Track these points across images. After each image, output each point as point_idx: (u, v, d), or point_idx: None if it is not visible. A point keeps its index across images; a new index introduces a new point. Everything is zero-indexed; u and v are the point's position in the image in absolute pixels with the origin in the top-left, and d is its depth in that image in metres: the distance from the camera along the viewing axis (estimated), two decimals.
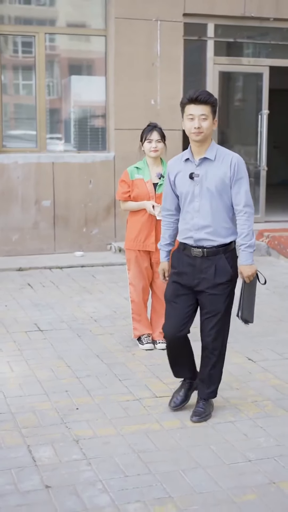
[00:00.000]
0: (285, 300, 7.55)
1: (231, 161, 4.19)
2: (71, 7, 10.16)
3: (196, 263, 4.26)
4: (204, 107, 4.12)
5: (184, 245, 4.33)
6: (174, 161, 4.39)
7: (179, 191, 4.31)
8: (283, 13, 10.45)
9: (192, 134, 4.16)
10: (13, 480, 3.65)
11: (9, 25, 9.70)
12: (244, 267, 4.25)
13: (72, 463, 3.84)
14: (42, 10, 10.05)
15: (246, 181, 4.22)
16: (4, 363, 5.45)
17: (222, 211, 4.21)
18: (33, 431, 4.23)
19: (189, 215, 4.27)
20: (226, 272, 4.24)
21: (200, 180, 4.20)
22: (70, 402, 4.68)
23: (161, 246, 4.57)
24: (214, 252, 4.22)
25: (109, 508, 3.39)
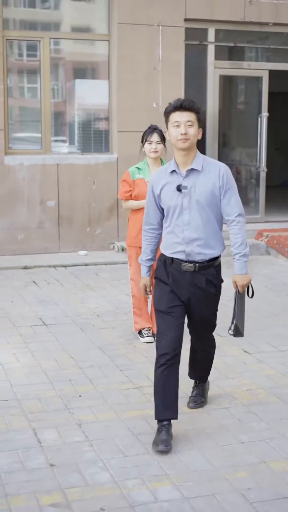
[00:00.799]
0: (281, 296, 7.79)
1: (219, 171, 4.13)
2: (75, 12, 10.43)
3: (186, 277, 4.16)
4: (189, 114, 4.05)
5: (171, 259, 4.19)
6: (158, 174, 4.25)
7: (166, 204, 4.17)
8: (282, 18, 10.69)
9: (179, 142, 4.06)
10: (19, 459, 3.90)
11: (15, 31, 9.96)
12: (239, 277, 4.20)
13: (74, 444, 4.09)
14: (47, 15, 10.31)
15: (236, 190, 4.18)
16: (11, 354, 5.70)
17: (212, 223, 4.14)
18: (39, 416, 4.49)
19: (178, 229, 4.15)
20: (216, 284, 4.24)
21: (189, 192, 4.10)
22: (73, 390, 4.93)
23: (143, 262, 4.44)
24: (205, 266, 4.16)
25: (109, 484, 3.64)
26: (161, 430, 4.05)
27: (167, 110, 4.14)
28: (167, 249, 4.21)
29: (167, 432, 4.03)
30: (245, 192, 11.41)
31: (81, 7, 10.43)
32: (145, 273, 4.43)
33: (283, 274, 9.04)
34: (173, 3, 10.09)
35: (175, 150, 4.14)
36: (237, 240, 4.15)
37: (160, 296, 4.20)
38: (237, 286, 4.22)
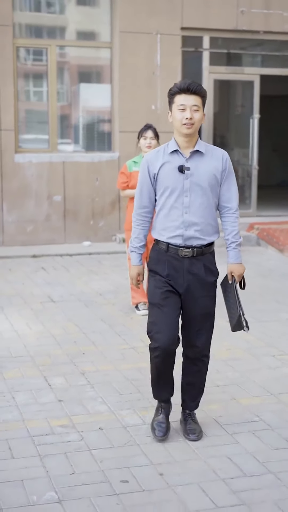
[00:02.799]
0: (267, 280, 8.61)
1: (222, 156, 4.00)
2: (80, 21, 11.27)
3: (184, 264, 3.96)
4: (196, 98, 3.88)
5: (167, 245, 3.98)
6: (155, 154, 4.03)
7: (164, 184, 3.96)
8: (272, 26, 11.49)
9: (183, 126, 3.88)
10: (33, 396, 4.73)
11: (24, 38, 10.80)
12: (236, 266, 4.08)
13: (79, 387, 4.92)
14: (54, 24, 11.14)
15: (235, 178, 4.09)
16: (24, 324, 6.53)
17: (210, 208, 3.98)
18: (48, 367, 5.31)
19: (177, 211, 3.95)
20: (214, 271, 4.05)
21: (191, 174, 3.92)
22: (78, 350, 5.76)
23: (135, 249, 4.13)
24: (203, 252, 3.98)
25: (106, 412, 4.47)
26: (160, 412, 4.18)
27: (172, 91, 3.94)
28: (162, 233, 4.00)
29: (165, 415, 4.16)
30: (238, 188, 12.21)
31: (86, 16, 11.27)
32: (138, 261, 4.15)
33: (270, 262, 9.85)
34: (170, 13, 10.91)
35: (177, 134, 3.96)
36: (234, 228, 4.06)
37: (155, 289, 4.01)
38: (234, 276, 4.09)
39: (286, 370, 5.33)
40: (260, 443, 4.06)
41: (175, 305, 3.98)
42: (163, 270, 3.99)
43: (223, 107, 12.67)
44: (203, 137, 11.59)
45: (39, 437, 4.10)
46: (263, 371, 5.30)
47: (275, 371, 5.30)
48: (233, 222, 4.07)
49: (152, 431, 4.11)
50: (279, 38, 11.71)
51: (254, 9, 11.35)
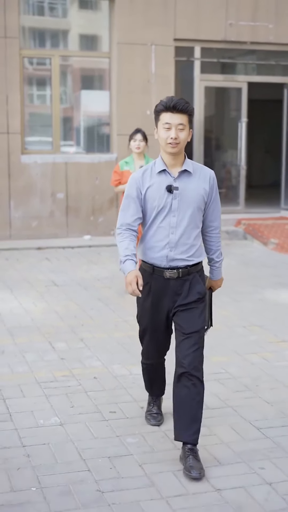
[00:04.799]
0: (248, 268, 9.56)
1: (210, 176, 3.94)
2: (81, 33, 12.26)
3: (170, 285, 3.91)
4: (182, 116, 3.78)
5: (152, 267, 3.92)
6: (143, 174, 3.93)
7: (151, 205, 3.88)
8: (258, 37, 12.43)
9: (168, 146, 3.81)
10: (39, 356, 5.70)
11: (29, 50, 11.76)
12: (217, 282, 4.20)
13: (78, 349, 5.89)
14: (58, 36, 12.13)
15: (219, 198, 4.05)
16: (30, 302, 7.50)
17: (196, 228, 3.95)
18: (52, 335, 6.28)
19: (163, 231, 3.88)
20: (200, 290, 3.95)
21: (180, 194, 3.85)
22: (77, 322, 6.73)
23: (128, 256, 3.82)
24: (189, 272, 3.92)
25: (100, 367, 5.44)
26: (153, 405, 4.44)
27: (158, 109, 3.86)
28: (147, 253, 3.94)
29: (158, 407, 4.43)
30: (227, 186, 13.23)
31: (86, 29, 12.26)
32: (134, 266, 3.86)
33: (254, 254, 10.80)
34: (164, 25, 11.86)
35: (163, 152, 3.91)
36: (218, 248, 4.11)
37: (142, 311, 4.04)
38: (212, 289, 4.21)
39: (253, 337, 6.29)
40: (223, 387, 5.02)
41: (162, 327, 4.01)
42: (148, 291, 3.93)
43: (214, 112, 13.62)
44: (194, 139, 12.57)
45: (45, 383, 5.06)
46: (234, 338, 6.25)
47: (244, 338, 6.26)
48: (217, 242, 4.09)
49: (147, 421, 4.37)
50: (265, 48, 12.66)
51: (242, 21, 12.30)
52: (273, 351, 5.91)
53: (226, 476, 3.73)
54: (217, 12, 12.11)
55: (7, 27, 11.08)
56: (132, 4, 11.63)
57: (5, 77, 11.16)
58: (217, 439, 4.18)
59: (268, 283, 8.60)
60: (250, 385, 5.09)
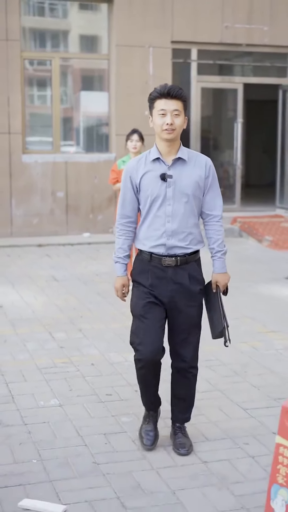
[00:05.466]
0: (243, 264, 9.85)
1: (205, 163, 3.89)
2: (81, 35, 12.56)
3: (168, 274, 3.85)
4: (176, 102, 3.75)
5: (150, 255, 3.87)
6: (136, 162, 3.92)
7: (146, 193, 3.86)
8: (253, 40, 12.72)
9: (164, 132, 3.75)
10: (40, 344, 5.99)
11: (30, 52, 12.06)
12: (222, 276, 3.99)
13: (76, 338, 6.19)
14: (58, 38, 12.44)
15: (218, 185, 3.98)
16: (32, 296, 7.80)
17: (194, 216, 3.88)
18: (51, 327, 6.57)
19: (159, 220, 3.85)
20: (200, 280, 3.94)
21: (174, 182, 3.81)
22: (77, 314, 7.03)
23: (119, 259, 3.97)
24: (187, 260, 3.86)
25: (97, 355, 5.73)
26: (148, 421, 4.12)
27: (152, 96, 3.82)
28: (145, 242, 3.90)
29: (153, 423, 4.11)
30: (224, 185, 13.53)
31: (86, 31, 12.57)
32: (122, 272, 4.00)
33: (249, 251, 11.10)
34: (161, 28, 12.16)
35: (158, 139, 3.85)
36: (219, 237, 3.97)
37: (137, 300, 3.92)
38: (219, 285, 4.00)
39: (244, 328, 6.59)
40: (213, 373, 5.32)
41: (158, 316, 3.87)
42: (146, 279, 3.87)
43: (211, 113, 13.92)
44: (191, 138, 12.87)
45: (45, 369, 5.37)
46: None
47: (236, 329, 6.52)
48: (217, 230, 3.95)
49: (140, 439, 4.05)
50: (260, 50, 12.97)
51: (237, 24, 12.60)
52: (262, 340, 6.21)
53: (212, 451, 4.02)
54: (214, 15, 12.40)
55: (8, 30, 11.38)
56: (131, 7, 11.92)
57: (6, 78, 11.46)
58: (206, 418, 4.48)
59: (261, 278, 8.90)
60: (239, 371, 5.39)
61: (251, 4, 12.61)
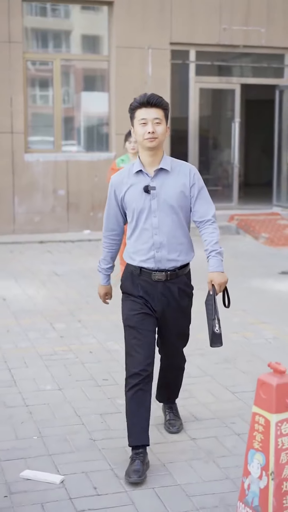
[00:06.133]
0: (239, 260, 10.14)
1: (189, 171, 3.83)
2: (82, 37, 12.87)
3: (157, 288, 3.83)
4: (157, 111, 3.72)
5: (140, 269, 3.83)
6: (120, 176, 3.88)
7: (131, 207, 3.80)
8: (250, 41, 13.00)
9: (146, 141, 3.72)
10: (41, 333, 6.30)
11: (32, 53, 12.37)
12: (217, 274, 3.79)
13: (76, 329, 6.49)
14: (60, 40, 12.75)
15: (207, 191, 3.92)
16: (33, 290, 8.09)
17: (182, 226, 3.84)
18: (53, 317, 6.87)
19: (147, 233, 3.80)
20: (189, 293, 3.96)
21: (157, 193, 3.77)
22: (76, 306, 7.32)
23: (102, 270, 4.08)
24: (177, 274, 3.85)
25: (95, 344, 6.04)
26: (135, 459, 3.74)
27: (132, 106, 3.81)
28: (134, 257, 3.86)
29: (141, 462, 3.72)
30: (221, 183, 13.83)
31: (86, 34, 12.88)
32: (105, 282, 4.12)
33: (245, 247, 11.39)
34: (160, 30, 12.44)
35: (141, 150, 3.83)
36: (213, 238, 3.83)
37: (129, 311, 3.90)
38: (214, 285, 3.81)
39: (236, 319, 6.88)
40: (205, 360, 5.61)
41: (150, 326, 3.87)
42: (137, 291, 3.87)
43: (209, 113, 14.22)
44: (189, 138, 13.15)
45: (46, 356, 5.67)
46: None
47: (228, 320, 6.81)
48: (211, 232, 3.84)
49: (126, 477, 3.65)
50: (257, 51, 13.26)
51: (235, 26, 12.89)
52: (253, 330, 6.51)
53: (201, 429, 4.32)
54: (211, 17, 12.68)
55: (11, 32, 11.68)
56: (130, 9, 12.21)
57: (9, 79, 11.76)
58: (196, 400, 4.77)
59: (256, 273, 9.19)
60: (229, 359, 5.69)
61: (248, 7, 12.88)
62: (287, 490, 2.88)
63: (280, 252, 10.86)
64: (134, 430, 3.77)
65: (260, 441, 2.92)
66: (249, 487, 2.98)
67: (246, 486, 3.00)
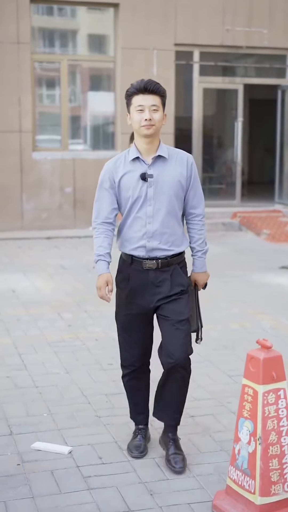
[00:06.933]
0: (239, 255, 10.45)
1: (187, 160, 3.77)
2: (89, 38, 13.20)
3: (149, 277, 3.73)
4: (154, 97, 3.63)
5: (131, 258, 3.77)
6: (115, 163, 3.78)
7: (126, 195, 3.71)
8: (253, 42, 13.31)
9: (143, 128, 3.63)
10: (50, 323, 6.62)
11: (40, 54, 12.70)
12: (201, 275, 3.92)
13: (82, 318, 6.82)
14: (67, 41, 13.08)
15: (199, 183, 3.87)
16: (42, 282, 8.42)
17: (176, 216, 3.77)
18: (60, 308, 7.20)
19: (140, 221, 3.71)
20: (182, 281, 3.79)
21: (155, 181, 3.69)
22: (83, 298, 7.65)
23: (101, 256, 3.80)
24: (169, 263, 3.74)
25: (101, 332, 6.36)
26: (137, 435, 4.00)
27: (129, 92, 3.69)
28: (126, 245, 3.79)
29: (143, 437, 3.97)
30: (225, 181, 14.15)
31: (92, 35, 13.21)
32: (105, 269, 3.78)
33: (247, 243, 11.69)
34: (164, 31, 12.75)
35: (137, 137, 3.74)
36: (201, 236, 3.87)
37: (120, 310, 3.92)
38: (197, 284, 3.95)
39: (236, 310, 7.20)
40: (204, 347, 5.89)
41: (144, 329, 3.85)
42: (125, 287, 3.82)
43: (212, 113, 14.52)
44: (194, 139, 13.46)
45: (54, 343, 6.00)
46: (219, 310, 7.17)
47: (227, 311, 7.17)
48: (199, 230, 3.87)
49: (128, 452, 3.95)
50: (260, 52, 13.57)
51: (238, 27, 13.19)
52: (251, 320, 6.82)
53: (198, 408, 4.64)
54: (215, 19, 12.99)
55: (19, 33, 12.00)
56: (135, 12, 12.53)
57: (17, 80, 12.09)
58: (195, 383, 5.07)
59: (256, 267, 9.50)
60: (228, 346, 6.01)
61: (250, 9, 13.18)
62: (272, 453, 3.19)
63: (281, 248, 11.16)
64: (134, 411, 4.06)
65: (249, 410, 3.23)
66: (239, 452, 3.30)
67: (236, 451, 3.32)
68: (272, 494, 3.19)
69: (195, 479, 3.71)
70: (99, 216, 3.84)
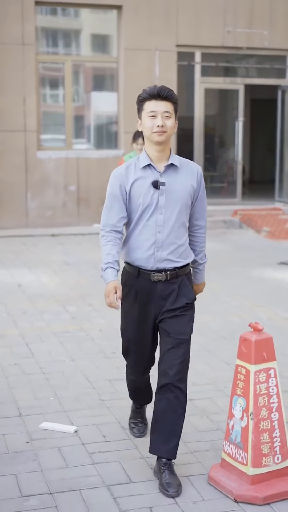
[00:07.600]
0: (240, 252, 10.70)
1: (197, 172, 3.72)
2: (92, 39, 13.46)
3: (157, 289, 3.66)
4: (167, 104, 3.58)
5: (138, 270, 3.68)
6: (125, 170, 3.67)
7: (137, 202, 3.63)
8: (253, 43, 13.56)
9: (154, 134, 3.57)
10: (55, 315, 6.88)
11: (44, 55, 12.96)
12: (199, 286, 3.96)
13: (87, 311, 7.07)
14: (71, 42, 13.34)
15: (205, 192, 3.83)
16: (47, 278, 8.68)
17: (184, 227, 3.71)
18: (65, 301, 7.46)
19: (150, 230, 3.63)
20: (189, 294, 3.72)
21: (166, 189, 3.62)
22: (87, 292, 7.90)
23: (110, 264, 3.60)
24: (177, 274, 3.67)
25: (104, 324, 6.61)
26: (136, 412, 4.31)
27: (141, 98, 3.66)
28: (132, 254, 3.69)
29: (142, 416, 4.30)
30: (226, 180, 14.40)
31: (96, 36, 13.47)
32: (114, 276, 3.60)
33: (248, 240, 11.94)
34: (167, 32, 13.01)
35: (148, 144, 3.66)
36: (202, 249, 3.88)
37: (127, 321, 3.88)
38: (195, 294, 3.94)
39: (235, 303, 7.45)
40: (204, 337, 6.18)
41: (150, 337, 3.80)
42: (134, 299, 3.75)
43: (214, 112, 14.78)
44: (195, 139, 13.71)
45: (60, 333, 6.26)
46: (218, 304, 7.42)
47: (227, 304, 7.43)
48: (202, 242, 3.86)
49: (130, 430, 4.23)
50: (260, 53, 13.82)
51: (239, 28, 13.44)
52: (249, 313, 7.07)
53: (197, 392, 4.89)
54: (216, 20, 13.24)
55: (24, 35, 12.27)
56: (138, 13, 12.79)
57: (22, 80, 12.36)
58: (193, 369, 5.30)
59: (255, 263, 9.75)
60: (227, 337, 6.26)
61: (251, 10, 13.43)
62: (263, 428, 3.45)
63: (280, 245, 11.41)
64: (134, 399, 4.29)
65: (242, 388, 3.49)
66: (233, 427, 3.55)
67: (230, 426, 3.57)
68: (263, 466, 3.45)
69: (192, 455, 3.97)
70: (107, 224, 3.68)
